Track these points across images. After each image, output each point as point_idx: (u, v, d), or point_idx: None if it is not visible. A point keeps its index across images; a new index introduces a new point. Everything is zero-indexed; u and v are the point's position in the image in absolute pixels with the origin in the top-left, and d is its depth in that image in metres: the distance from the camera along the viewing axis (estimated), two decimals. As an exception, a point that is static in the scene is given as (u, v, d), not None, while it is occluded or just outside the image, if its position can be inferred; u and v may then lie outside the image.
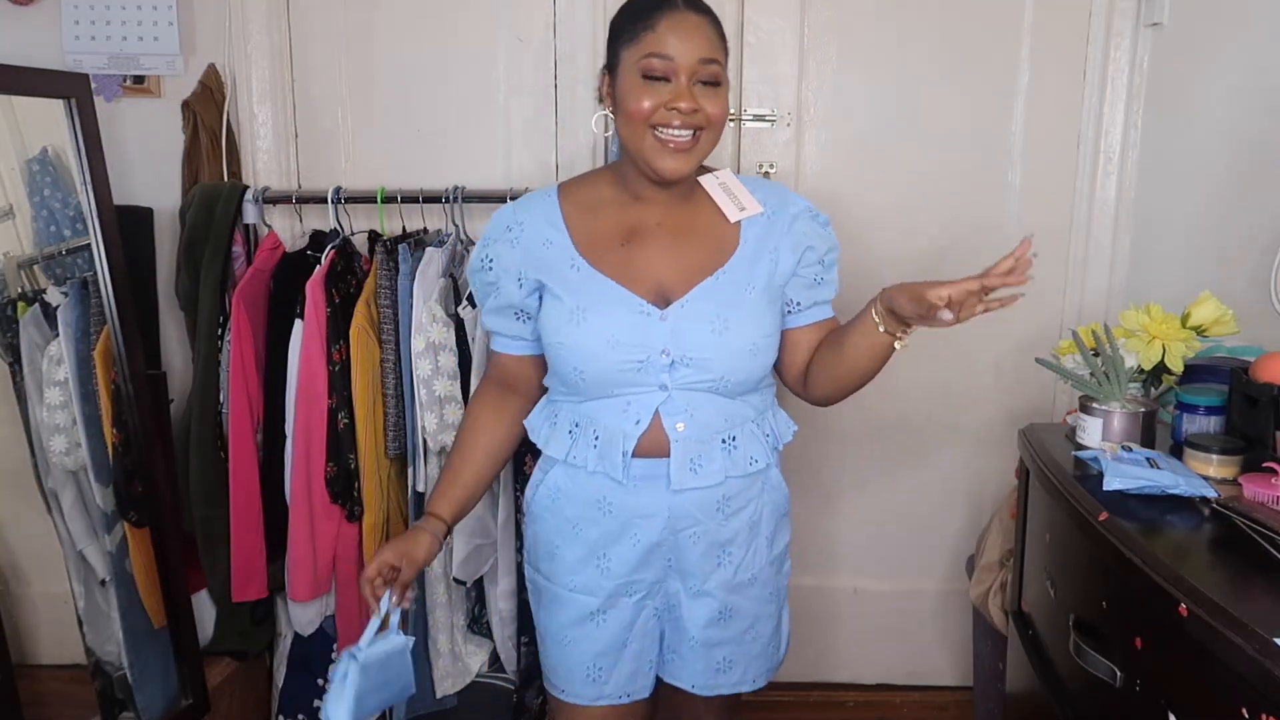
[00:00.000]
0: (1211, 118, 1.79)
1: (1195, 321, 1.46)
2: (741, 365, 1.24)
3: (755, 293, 1.26)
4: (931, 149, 2.10)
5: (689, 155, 1.21)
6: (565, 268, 1.26)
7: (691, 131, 1.20)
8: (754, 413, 1.30)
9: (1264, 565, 0.98)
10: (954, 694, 2.32)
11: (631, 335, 1.22)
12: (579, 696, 1.36)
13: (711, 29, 1.21)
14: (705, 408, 1.24)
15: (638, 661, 1.35)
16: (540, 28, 2.04)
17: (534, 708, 1.96)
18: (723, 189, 1.30)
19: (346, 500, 1.83)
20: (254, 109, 2.03)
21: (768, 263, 1.27)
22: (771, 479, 1.35)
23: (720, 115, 1.21)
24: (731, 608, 1.34)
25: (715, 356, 1.22)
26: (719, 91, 1.21)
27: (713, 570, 1.31)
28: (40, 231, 1.74)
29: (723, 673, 1.37)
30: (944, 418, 2.23)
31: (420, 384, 1.78)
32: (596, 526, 1.30)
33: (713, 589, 1.32)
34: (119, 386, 1.72)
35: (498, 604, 1.90)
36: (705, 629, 1.33)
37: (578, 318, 1.23)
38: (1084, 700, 1.22)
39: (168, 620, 1.82)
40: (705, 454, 1.25)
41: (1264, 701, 0.82)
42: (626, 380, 1.23)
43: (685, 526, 1.28)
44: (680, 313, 1.23)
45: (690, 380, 1.23)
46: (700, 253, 1.26)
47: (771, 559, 1.37)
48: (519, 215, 1.30)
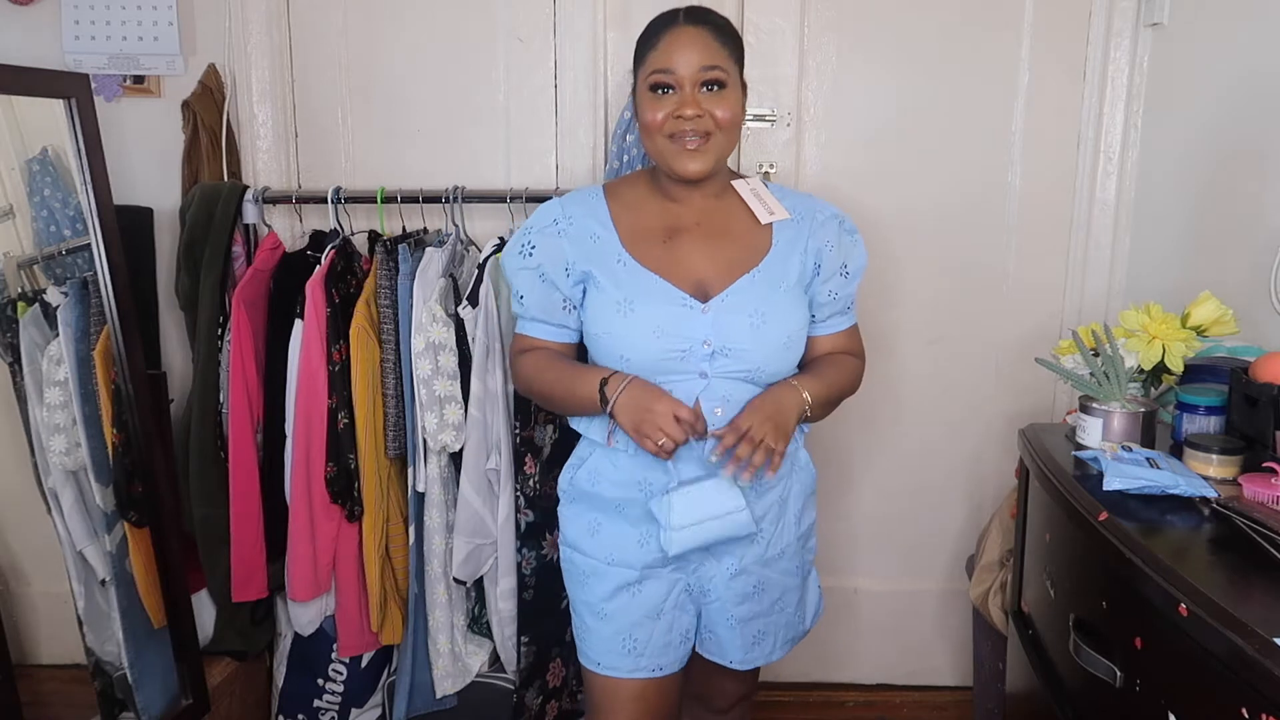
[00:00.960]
0: (1211, 118, 1.79)
1: (1195, 321, 1.46)
2: (776, 357, 1.33)
3: (788, 290, 1.35)
4: (931, 149, 2.10)
5: (704, 155, 1.30)
6: (612, 261, 1.35)
7: (703, 135, 1.29)
8: None
9: (1264, 565, 0.98)
10: (954, 694, 2.32)
11: (675, 326, 1.30)
12: (614, 669, 1.41)
13: (712, 37, 1.30)
14: (740, 395, 1.32)
15: (670, 634, 1.42)
16: (540, 28, 2.04)
17: (534, 708, 1.96)
18: (753, 194, 1.39)
19: (346, 500, 1.83)
20: (254, 109, 2.03)
21: (798, 263, 1.37)
22: (800, 460, 1.45)
23: (729, 116, 1.30)
24: (763, 581, 1.43)
25: (753, 348, 1.31)
26: (724, 93, 1.29)
27: (748, 547, 1.40)
28: (40, 231, 1.74)
29: (757, 645, 1.45)
30: (944, 418, 2.23)
31: (420, 384, 1.78)
32: (637, 505, 1.37)
33: (749, 565, 1.41)
34: (119, 386, 1.72)
35: (498, 604, 1.90)
36: (740, 605, 1.41)
37: (624, 309, 1.31)
38: (1084, 700, 1.23)
39: (168, 620, 1.82)
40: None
41: (1264, 701, 0.82)
42: (669, 368, 1.31)
43: None
44: (721, 306, 1.31)
45: (729, 369, 1.31)
46: (736, 251, 1.35)
47: (799, 535, 1.47)
48: (568, 210, 1.39)
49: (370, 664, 2.00)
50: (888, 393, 2.22)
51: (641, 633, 1.40)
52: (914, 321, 2.19)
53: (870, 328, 2.16)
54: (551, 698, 1.97)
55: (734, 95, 1.31)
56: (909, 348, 2.20)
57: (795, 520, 1.45)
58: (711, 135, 1.29)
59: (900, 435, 2.24)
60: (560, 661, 1.96)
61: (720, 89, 1.29)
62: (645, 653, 1.40)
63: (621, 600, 1.40)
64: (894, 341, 2.20)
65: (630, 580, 1.39)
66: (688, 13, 1.32)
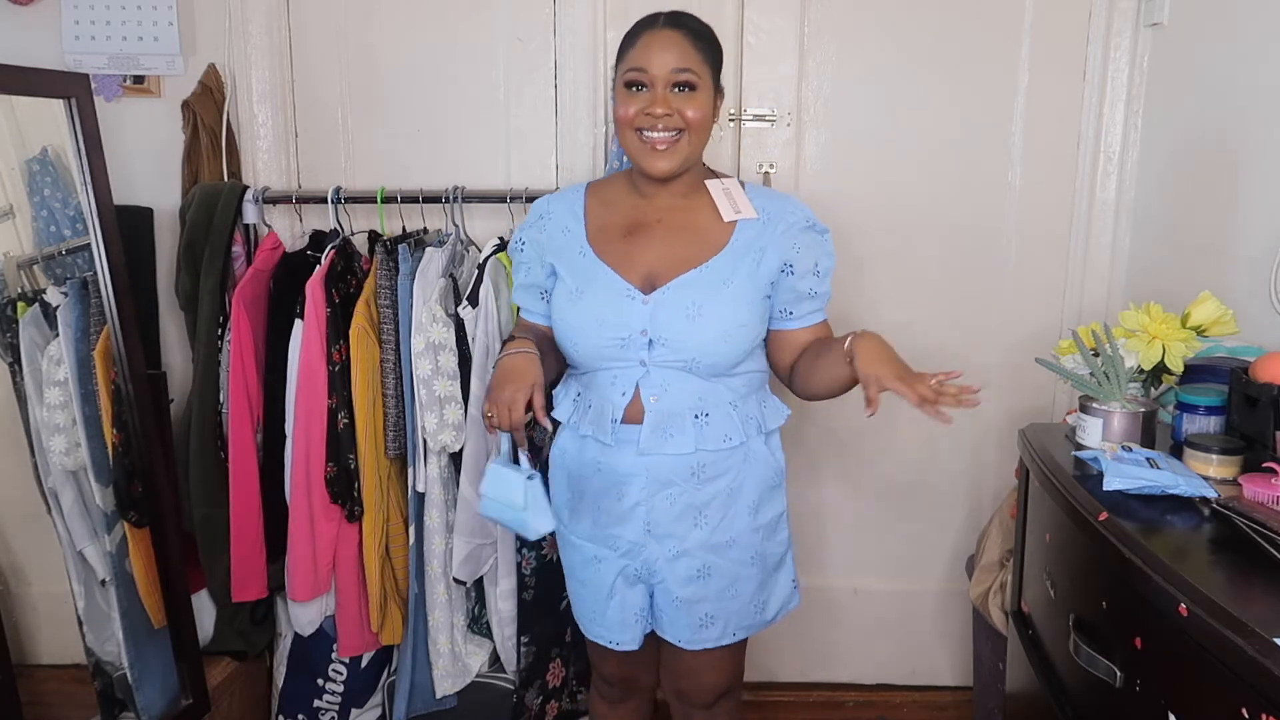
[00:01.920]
0: (1211, 118, 1.79)
1: (1195, 321, 1.46)
2: (711, 349, 1.36)
3: (734, 287, 1.37)
4: (931, 149, 2.10)
5: (672, 154, 1.36)
6: (575, 254, 1.43)
7: (672, 133, 1.35)
8: (731, 395, 1.41)
9: (1264, 565, 0.98)
10: (954, 694, 2.32)
11: (616, 316, 1.37)
12: (586, 630, 1.55)
13: (687, 41, 1.35)
14: (678, 385, 1.38)
15: (623, 613, 1.49)
16: (540, 28, 2.04)
17: (534, 708, 1.96)
18: (725, 193, 1.43)
19: (346, 500, 1.83)
20: (254, 109, 2.03)
21: (751, 262, 1.39)
22: (755, 453, 1.45)
23: (697, 117, 1.35)
24: (709, 566, 1.45)
25: (686, 339, 1.36)
26: (694, 95, 1.35)
27: (690, 530, 1.43)
28: (40, 231, 1.74)
29: (705, 628, 1.47)
30: (944, 418, 2.23)
31: (420, 384, 1.78)
32: (591, 483, 1.46)
33: (691, 548, 1.44)
34: (119, 386, 1.72)
35: (498, 604, 1.90)
36: (685, 586, 1.45)
37: (575, 298, 1.40)
38: (1084, 700, 1.23)
39: (168, 620, 1.82)
40: (676, 425, 1.39)
41: (1264, 701, 0.82)
42: (611, 355, 1.39)
43: (662, 489, 1.41)
44: (660, 298, 1.37)
45: (665, 359, 1.37)
46: (690, 247, 1.40)
47: (756, 526, 1.47)
48: (551, 205, 1.50)
49: (370, 664, 2.00)
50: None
51: (599, 605, 1.50)
52: (914, 321, 2.18)
53: (869, 327, 2.15)
54: (551, 698, 1.97)
55: (704, 97, 1.36)
56: (909, 347, 2.19)
57: (750, 511, 1.46)
58: (681, 134, 1.35)
59: (900, 435, 2.24)
60: (560, 662, 1.96)
61: (691, 90, 1.34)
62: (605, 625, 1.50)
63: (588, 572, 1.50)
64: (894, 341, 2.18)
65: (591, 554, 1.49)
66: (668, 16, 1.38)
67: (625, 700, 1.66)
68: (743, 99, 2.08)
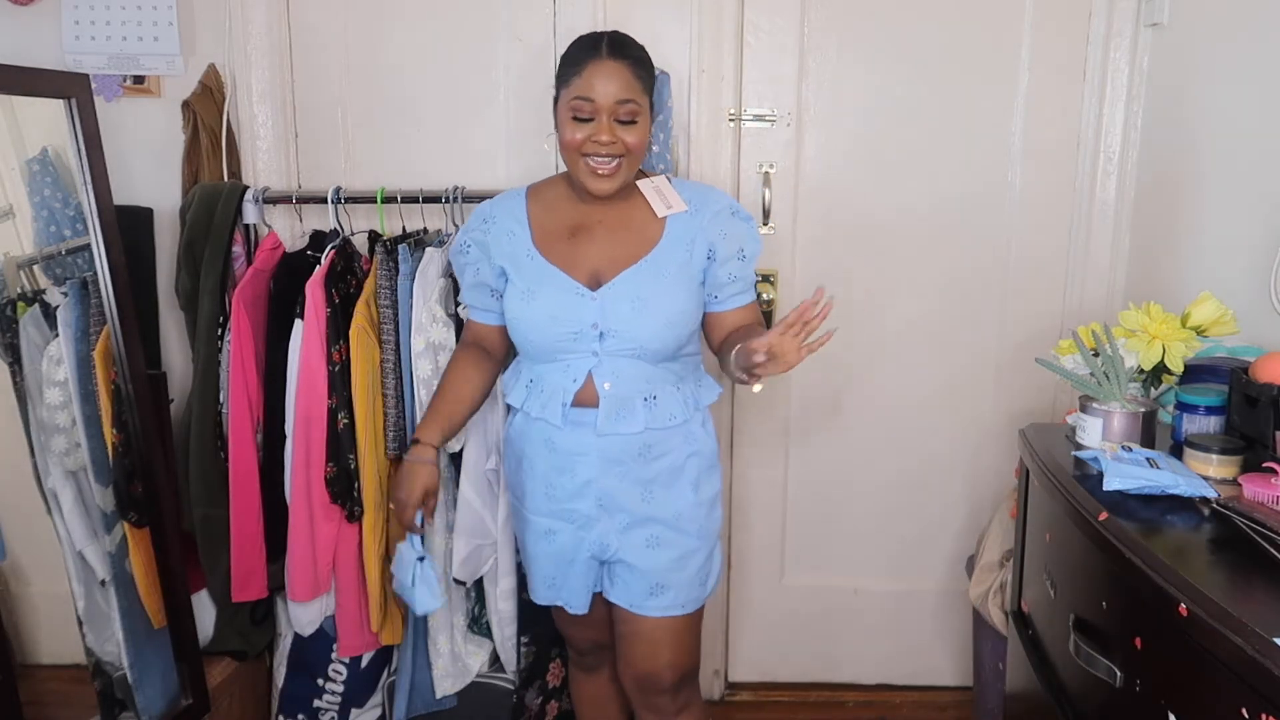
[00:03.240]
0: (1211, 117, 1.79)
1: (1195, 321, 1.46)
2: (658, 335, 1.47)
3: (671, 276, 1.48)
4: (931, 149, 2.10)
5: (613, 178, 1.46)
6: (523, 256, 1.53)
7: (614, 159, 1.44)
8: (674, 377, 1.52)
9: (1264, 565, 0.98)
10: (954, 694, 2.32)
11: (568, 312, 1.47)
12: (541, 598, 1.64)
13: (630, 72, 1.44)
14: (629, 370, 1.49)
15: (580, 580, 1.59)
16: (540, 28, 2.04)
17: (534, 708, 1.96)
18: (655, 191, 1.53)
19: (346, 500, 1.83)
20: (254, 109, 2.03)
21: (683, 251, 1.50)
22: (693, 432, 1.55)
23: (637, 143, 1.45)
24: (658, 537, 1.54)
25: (635, 329, 1.46)
26: (635, 126, 1.45)
27: (639, 504, 1.53)
28: (40, 231, 1.74)
29: (655, 595, 1.55)
30: (944, 418, 2.23)
31: (420, 384, 1.78)
32: (544, 461, 1.55)
33: (642, 519, 1.53)
34: (119, 386, 1.72)
35: (498, 604, 1.90)
36: (637, 554, 1.54)
37: (528, 298, 1.50)
38: (1084, 700, 1.23)
39: (168, 620, 1.82)
40: (628, 408, 1.49)
41: (1264, 701, 0.82)
42: (565, 348, 1.49)
43: (612, 466, 1.51)
44: (608, 293, 1.47)
45: (616, 348, 1.47)
46: (629, 244, 1.50)
47: (699, 501, 1.56)
48: (493, 210, 1.58)
49: (370, 664, 2.00)
50: (888, 392, 2.22)
51: (559, 573, 1.59)
52: (914, 321, 2.18)
53: (870, 327, 2.18)
54: (551, 698, 1.97)
55: (644, 124, 1.46)
56: (909, 347, 2.20)
57: (692, 487, 1.55)
58: (622, 159, 1.45)
59: (900, 435, 2.24)
60: (560, 662, 1.96)
61: (632, 121, 1.44)
62: (563, 589, 1.60)
63: (542, 545, 1.59)
64: (894, 341, 2.20)
65: (545, 528, 1.58)
66: (610, 43, 1.45)
67: (600, 668, 1.78)
68: (743, 99, 2.08)
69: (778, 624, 2.35)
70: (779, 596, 2.33)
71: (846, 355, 2.16)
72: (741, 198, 2.11)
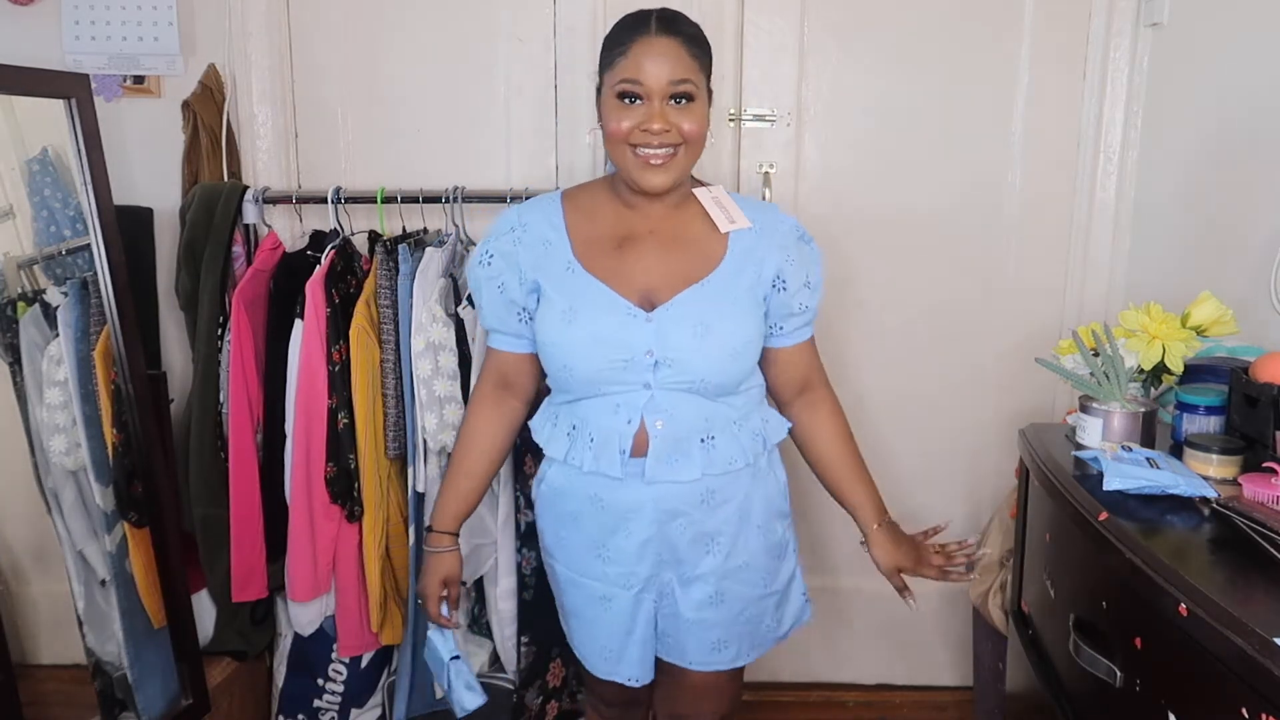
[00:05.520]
0: (1211, 117, 1.79)
1: (1195, 321, 1.46)
2: (721, 368, 1.30)
3: (737, 300, 1.32)
4: (931, 149, 2.10)
5: (668, 170, 1.28)
6: (561, 269, 1.33)
7: (670, 149, 1.27)
8: (736, 414, 1.35)
9: (1264, 565, 0.98)
10: (954, 694, 2.32)
11: (617, 335, 1.28)
12: (596, 669, 1.46)
13: (684, 48, 1.26)
14: (684, 407, 1.30)
15: (643, 649, 1.42)
16: (540, 28, 2.04)
17: (534, 708, 1.96)
18: (715, 202, 1.36)
19: (346, 500, 1.83)
20: (254, 109, 2.03)
21: (751, 274, 1.33)
22: (761, 473, 1.40)
23: (695, 130, 1.27)
24: (723, 592, 1.39)
25: (696, 358, 1.28)
26: (692, 107, 1.27)
27: (702, 557, 1.37)
28: (40, 231, 1.74)
29: (717, 651, 1.42)
30: (944, 418, 2.23)
31: (420, 384, 1.78)
32: (593, 520, 1.37)
33: (704, 574, 1.38)
34: (119, 386, 1.72)
35: (498, 604, 1.90)
36: (698, 610, 1.39)
37: (569, 317, 1.30)
38: (1084, 700, 1.23)
39: (168, 620, 1.82)
40: (683, 451, 1.31)
41: (1264, 701, 0.82)
42: (612, 379, 1.29)
43: (672, 519, 1.34)
44: (665, 315, 1.29)
45: (672, 380, 1.29)
46: (688, 260, 1.32)
47: (767, 547, 1.42)
48: (524, 217, 1.37)
49: (370, 664, 2.00)
50: (888, 392, 2.22)
51: (616, 644, 1.42)
52: (914, 321, 2.18)
53: (870, 327, 2.18)
54: (551, 698, 1.97)
55: (701, 109, 1.28)
56: (909, 347, 2.20)
57: (760, 533, 1.40)
58: (678, 149, 1.27)
59: (900, 435, 2.24)
60: (560, 661, 1.96)
61: (689, 102, 1.26)
62: (622, 661, 1.42)
63: (598, 611, 1.42)
64: (894, 341, 2.20)
65: (600, 594, 1.40)
66: (659, 19, 1.27)
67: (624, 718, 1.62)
68: (742, 99, 2.08)
69: (778, 624, 2.35)
70: (779, 596, 2.33)
71: (846, 354, 2.16)
72: (741, 198, 2.11)
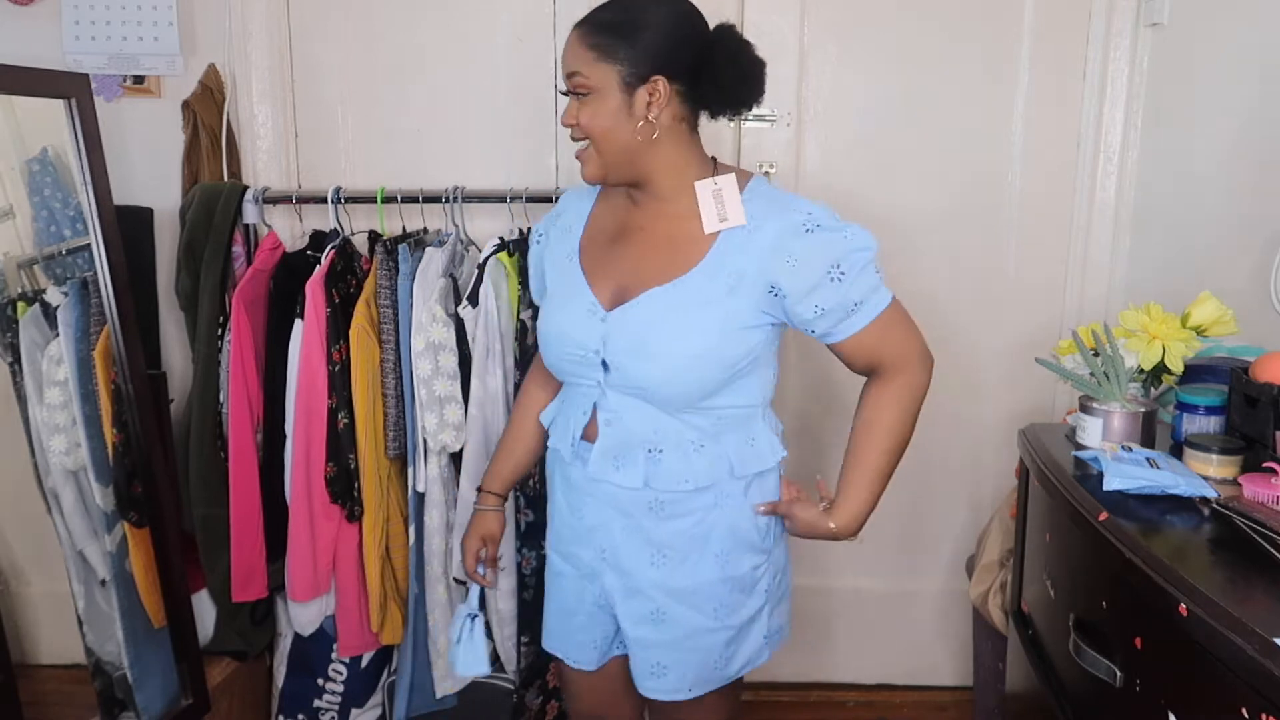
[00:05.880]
0: (1211, 117, 1.79)
1: (1195, 321, 1.46)
2: (667, 379, 1.21)
3: (703, 307, 1.21)
4: (932, 149, 2.10)
5: (588, 164, 1.25)
6: (564, 257, 1.34)
7: (582, 142, 1.25)
8: (695, 434, 1.25)
9: (1264, 565, 0.98)
10: (954, 694, 2.32)
11: (575, 331, 1.27)
12: (547, 642, 1.48)
13: (582, 40, 1.21)
14: (632, 413, 1.26)
15: (587, 634, 1.40)
16: (540, 28, 2.04)
17: (534, 708, 1.96)
18: (713, 196, 1.24)
19: (346, 500, 1.83)
20: (254, 109, 2.03)
21: (724, 285, 1.20)
22: (728, 499, 1.29)
23: (590, 123, 1.21)
24: (665, 611, 1.31)
25: (638, 365, 1.22)
26: (588, 101, 1.21)
27: (645, 568, 1.31)
28: (40, 231, 1.74)
29: (656, 676, 1.33)
30: (944, 417, 2.23)
31: (420, 384, 1.78)
32: (562, 495, 1.40)
33: (645, 588, 1.31)
34: (119, 386, 1.72)
35: (498, 604, 1.90)
36: (636, 627, 1.33)
37: (548, 306, 1.34)
38: (1084, 700, 1.23)
39: (168, 620, 1.82)
40: (627, 456, 1.27)
41: (1264, 701, 0.82)
42: (572, 371, 1.30)
43: (618, 516, 1.30)
44: (620, 317, 1.24)
45: (619, 383, 1.25)
46: (664, 261, 1.24)
47: (726, 578, 1.30)
48: (565, 203, 1.42)
49: (370, 664, 2.00)
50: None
51: (560, 622, 1.43)
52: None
53: (870, 328, 2.17)
54: (551, 698, 1.97)
55: (598, 103, 1.20)
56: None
57: (717, 561, 1.29)
58: (589, 143, 1.24)
59: (900, 435, 2.24)
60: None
61: (584, 96, 1.21)
62: (568, 642, 1.43)
63: (551, 583, 1.45)
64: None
65: (555, 567, 1.43)
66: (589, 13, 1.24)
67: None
68: (743, 99, 2.08)
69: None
70: (779, 596, 2.33)
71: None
72: (741, 198, 2.11)
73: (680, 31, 1.21)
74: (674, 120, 1.23)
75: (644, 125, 1.20)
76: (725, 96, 1.23)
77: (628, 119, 1.20)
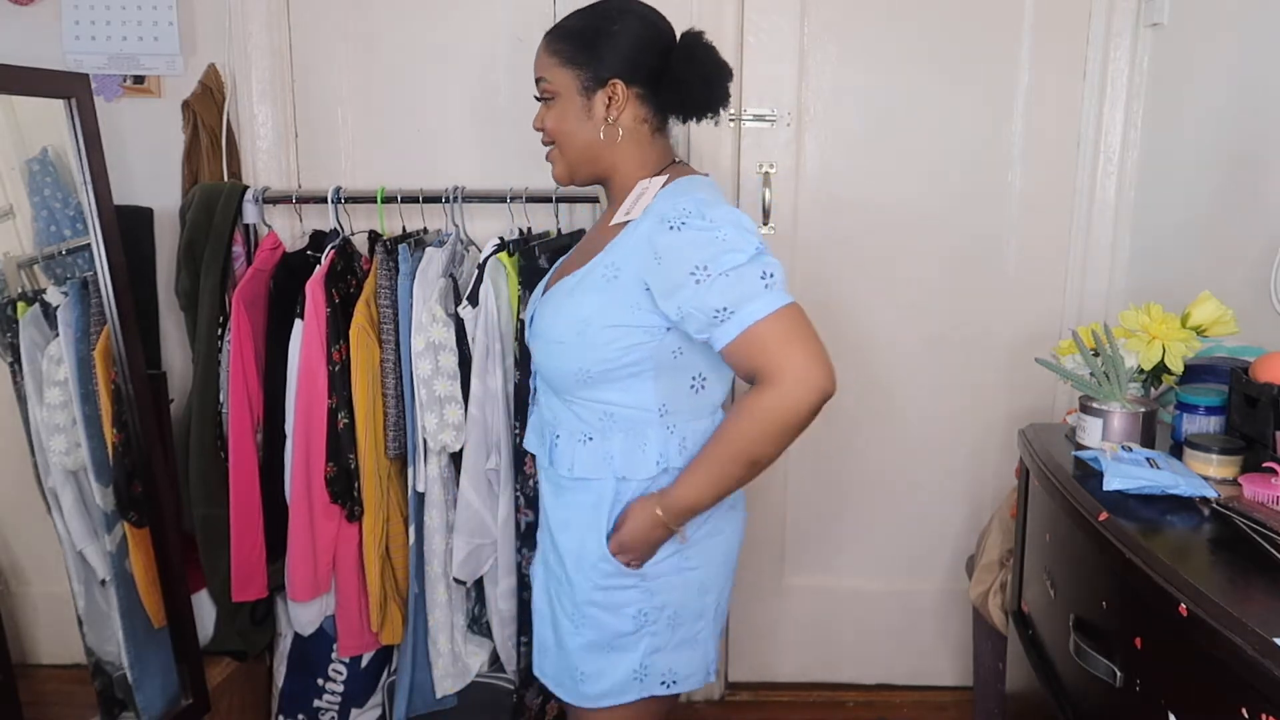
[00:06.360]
0: (1211, 118, 1.79)
1: (1195, 321, 1.46)
2: (540, 360, 1.31)
3: (581, 295, 1.22)
4: (932, 149, 2.10)
5: (555, 165, 1.33)
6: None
7: (550, 145, 1.32)
8: (579, 424, 1.26)
9: (1264, 565, 0.98)
10: (954, 694, 2.32)
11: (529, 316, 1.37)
12: None
13: (546, 46, 1.29)
14: (544, 395, 1.35)
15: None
16: (540, 28, 2.01)
17: (534, 708, 1.96)
18: (636, 195, 1.26)
19: (346, 500, 1.83)
20: (254, 109, 2.03)
21: (601, 276, 1.21)
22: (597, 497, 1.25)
23: (555, 127, 1.29)
24: (539, 578, 1.39)
25: (533, 345, 1.33)
26: (551, 105, 1.29)
27: (543, 534, 1.39)
28: (40, 231, 1.74)
29: (539, 653, 1.39)
30: (944, 418, 2.23)
31: (420, 384, 1.78)
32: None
33: (542, 554, 1.39)
34: (119, 386, 1.72)
35: (498, 604, 1.90)
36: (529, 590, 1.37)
37: None
38: (1084, 700, 1.23)
39: (168, 620, 1.82)
40: (540, 434, 1.36)
41: (1264, 701, 0.82)
42: None
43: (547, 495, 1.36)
44: (539, 300, 1.35)
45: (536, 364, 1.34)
46: (586, 252, 1.30)
47: (595, 581, 1.26)
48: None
49: (370, 664, 2.00)
50: (887, 392, 2.22)
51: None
52: (913, 321, 2.18)
53: (870, 326, 2.18)
54: (552, 697, 1.97)
55: (560, 107, 1.26)
56: (908, 347, 2.20)
57: (596, 557, 1.25)
58: (554, 146, 1.31)
59: (900, 435, 2.24)
60: (560, 661, 1.96)
61: (549, 101, 1.29)
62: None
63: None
64: (893, 341, 2.20)
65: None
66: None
67: None
68: (743, 99, 2.08)
69: (778, 624, 2.35)
70: (779, 596, 2.33)
71: (846, 355, 2.16)
72: (742, 198, 2.11)
73: (641, 38, 1.26)
74: (636, 122, 1.28)
75: (606, 127, 1.26)
76: (687, 100, 1.28)
77: (588, 121, 1.27)
